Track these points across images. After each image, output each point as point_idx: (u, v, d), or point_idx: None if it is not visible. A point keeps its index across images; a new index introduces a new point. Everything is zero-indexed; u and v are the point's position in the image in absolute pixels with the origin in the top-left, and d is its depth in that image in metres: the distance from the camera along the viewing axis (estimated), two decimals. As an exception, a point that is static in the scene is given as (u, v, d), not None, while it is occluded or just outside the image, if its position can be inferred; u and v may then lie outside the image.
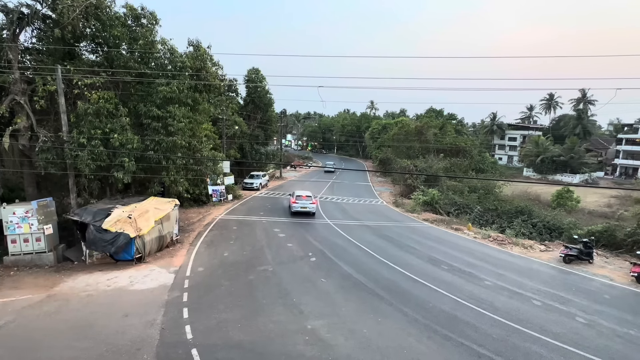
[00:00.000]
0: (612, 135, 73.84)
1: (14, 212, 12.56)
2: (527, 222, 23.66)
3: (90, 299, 10.32)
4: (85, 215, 13.10)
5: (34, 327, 8.75)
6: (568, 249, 15.67)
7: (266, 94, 39.20)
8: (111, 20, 15.07)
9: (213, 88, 19.59)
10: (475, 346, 8.43)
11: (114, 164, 14.42)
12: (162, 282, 11.55)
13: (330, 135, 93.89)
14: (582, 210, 31.63)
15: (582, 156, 57.55)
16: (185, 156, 18.04)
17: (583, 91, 70.43)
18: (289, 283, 11.74)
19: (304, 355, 7.77)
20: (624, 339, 9.19)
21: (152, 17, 16.64)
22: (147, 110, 15.86)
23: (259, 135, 38.88)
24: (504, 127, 77.10)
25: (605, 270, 14.72)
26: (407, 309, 10.22)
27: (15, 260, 12.78)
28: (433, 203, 28.50)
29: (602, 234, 18.55)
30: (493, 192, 31.15)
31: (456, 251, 16.59)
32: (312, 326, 8.99)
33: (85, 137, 13.50)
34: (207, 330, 8.63)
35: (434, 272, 13.49)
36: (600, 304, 11.31)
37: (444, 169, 36.85)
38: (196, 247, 15.41)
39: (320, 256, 14.71)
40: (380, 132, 62.36)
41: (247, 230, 18.56)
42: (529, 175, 61.38)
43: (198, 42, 18.06)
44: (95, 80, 14.05)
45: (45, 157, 13.48)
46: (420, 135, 46.32)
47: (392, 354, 7.97)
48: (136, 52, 16.10)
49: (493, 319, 9.80)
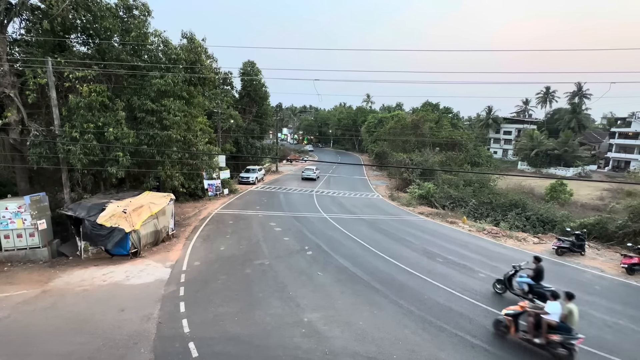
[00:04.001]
0: (606, 129, 74.52)
1: (6, 207, 12.41)
2: (521, 215, 23.92)
3: (86, 293, 10.29)
4: (80, 210, 12.98)
5: (29, 322, 8.72)
6: (561, 241, 15.89)
7: (262, 87, 38.82)
8: (102, 12, 14.74)
9: (208, 81, 19.35)
10: (470, 337, 8.58)
11: (108, 158, 14.25)
12: (159, 277, 11.54)
13: (327, 129, 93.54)
14: (574, 203, 32.07)
15: (576, 150, 58.04)
16: (180, 150, 17.89)
17: (578, 85, 70.78)
18: (285, 276, 11.80)
19: (300, 348, 7.85)
20: (614, 328, 9.40)
21: (144, 8, 16.29)
22: (141, 103, 15.65)
23: (255, 129, 38.62)
24: (499, 120, 77.36)
25: (597, 262, 14.98)
26: (402, 301, 10.35)
27: (9, 255, 12.67)
28: (428, 196, 28.68)
29: (594, 226, 18.82)
30: (488, 185, 31.37)
31: (451, 244, 16.76)
32: (308, 319, 9.07)
33: (77, 131, 13.30)
34: (204, 324, 8.67)
35: (429, 264, 13.63)
36: (591, 294, 11.53)
37: (439, 163, 37.00)
38: (192, 242, 15.39)
39: (317, 250, 14.78)
40: (376, 125, 62.23)
41: (244, 224, 18.55)
42: (523, 168, 61.82)
43: (192, 35, 17.77)
44: (87, 73, 13.78)
45: (37, 151, 13.28)
46: (416, 128, 46.32)
47: (388, 345, 8.09)
48: (128, 44, 15.80)
49: (487, 311, 9.95)
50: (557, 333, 7.61)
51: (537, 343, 7.89)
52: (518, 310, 8.35)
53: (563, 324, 7.65)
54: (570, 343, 7.43)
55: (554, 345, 7.61)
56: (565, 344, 7.48)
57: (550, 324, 7.72)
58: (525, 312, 8.25)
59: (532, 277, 10.36)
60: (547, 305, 7.96)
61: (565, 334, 7.56)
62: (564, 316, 7.68)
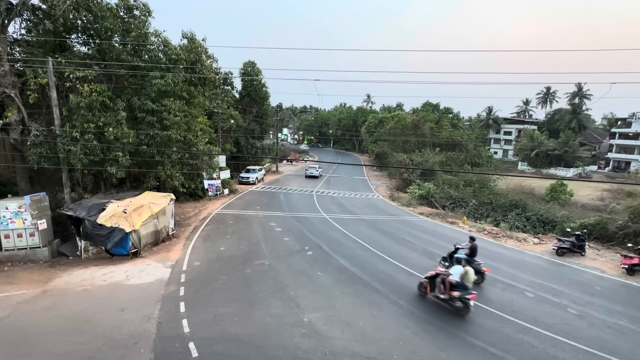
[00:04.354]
0: (606, 130, 74.45)
1: (6, 207, 12.42)
2: (521, 216, 23.90)
3: (86, 293, 10.30)
4: (80, 210, 12.99)
5: (29, 322, 8.73)
6: (561, 241, 15.88)
7: (262, 87, 38.82)
8: (103, 12, 14.77)
9: (208, 81, 19.36)
10: (469, 337, 8.58)
11: (108, 158, 14.26)
12: (159, 277, 11.54)
13: (327, 129, 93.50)
14: (575, 203, 32.03)
15: (576, 150, 57.98)
16: (180, 150, 17.90)
17: (579, 85, 70.73)
18: (285, 277, 11.80)
19: (300, 348, 7.85)
20: (614, 329, 9.39)
21: (145, 8, 16.31)
22: (141, 103, 15.65)
23: (255, 129, 38.63)
24: (499, 121, 77.30)
25: (597, 262, 14.96)
26: (402, 301, 10.35)
27: (9, 255, 12.68)
28: (429, 197, 28.66)
29: (594, 226, 18.79)
30: (488, 186, 31.35)
31: (451, 244, 16.67)
32: (308, 319, 9.07)
33: (78, 131, 13.31)
34: (204, 324, 8.67)
35: (430, 265, 13.60)
36: (592, 295, 11.53)
37: (439, 163, 36.98)
38: (192, 242, 15.39)
39: (317, 250, 14.78)
40: (376, 126, 62.20)
41: (244, 225, 18.56)
42: (523, 169, 61.77)
43: (192, 35, 17.79)
44: (88, 73, 13.79)
45: (37, 151, 13.28)
46: (416, 129, 46.31)
47: (388, 345, 8.09)
48: (129, 44, 15.82)
49: (487, 311, 9.95)
50: (457, 290, 9.57)
51: (442, 299, 9.86)
52: (433, 274, 10.30)
53: (461, 282, 9.63)
54: (466, 298, 9.37)
55: (454, 299, 9.58)
56: (462, 299, 9.44)
57: (452, 282, 9.68)
58: (438, 275, 10.09)
59: (468, 254, 11.82)
60: (451, 269, 9.93)
61: (462, 290, 9.51)
62: (462, 276, 9.69)
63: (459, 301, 9.48)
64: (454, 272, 9.76)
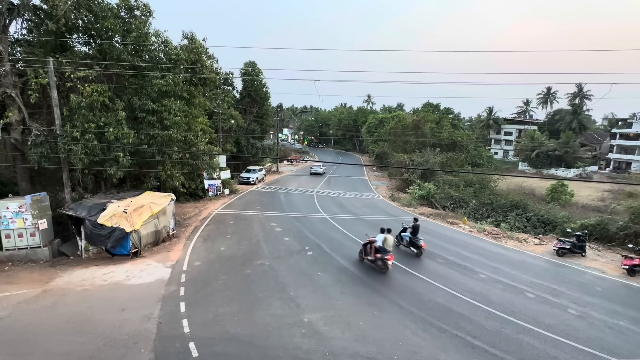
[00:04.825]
0: (607, 130, 74.38)
1: (7, 206, 12.44)
2: (522, 216, 23.88)
3: (87, 293, 10.31)
4: (80, 210, 13.00)
5: (30, 321, 8.74)
6: (561, 242, 15.86)
7: (262, 87, 38.84)
8: (103, 12, 14.78)
9: (209, 81, 19.37)
10: (470, 338, 8.57)
11: (108, 158, 14.27)
12: (159, 277, 11.55)
13: (327, 130, 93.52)
14: (575, 204, 31.97)
15: (577, 150, 57.92)
16: (181, 150, 17.91)
17: (579, 85, 70.65)
18: (285, 277, 11.80)
19: (301, 348, 7.85)
20: (615, 330, 9.38)
21: (146, 8, 16.33)
22: (141, 103, 15.66)
23: (255, 130, 38.65)
24: (500, 121, 77.24)
25: (598, 263, 14.95)
26: (402, 301, 10.34)
27: (10, 255, 12.70)
28: (429, 197, 28.64)
29: (594, 227, 18.76)
30: (488, 186, 31.32)
31: (451, 244, 16.73)
32: (309, 319, 9.07)
33: (78, 131, 13.32)
34: (204, 324, 8.67)
35: (430, 265, 13.62)
36: (592, 296, 11.51)
37: (440, 163, 36.96)
38: (193, 242, 15.40)
39: (317, 250, 14.78)
40: (377, 126, 62.21)
41: (244, 225, 18.56)
42: (524, 169, 61.73)
43: (193, 35, 17.79)
44: (88, 73, 13.81)
45: (38, 151, 13.30)
46: (416, 129, 46.29)
47: (388, 346, 8.08)
48: (130, 44, 15.83)
49: (487, 311, 9.95)
50: (380, 253, 12.31)
51: (370, 260, 12.73)
52: (366, 242, 13.00)
53: (382, 247, 12.36)
54: (385, 258, 12.15)
55: (378, 260, 12.43)
56: (382, 259, 12.25)
57: (376, 247, 12.47)
58: (370, 243, 12.77)
59: (411, 233, 14.81)
60: (376, 237, 12.70)
61: (383, 253, 12.25)
62: (383, 242, 12.42)
63: (380, 261, 12.31)
64: (378, 239, 12.53)
